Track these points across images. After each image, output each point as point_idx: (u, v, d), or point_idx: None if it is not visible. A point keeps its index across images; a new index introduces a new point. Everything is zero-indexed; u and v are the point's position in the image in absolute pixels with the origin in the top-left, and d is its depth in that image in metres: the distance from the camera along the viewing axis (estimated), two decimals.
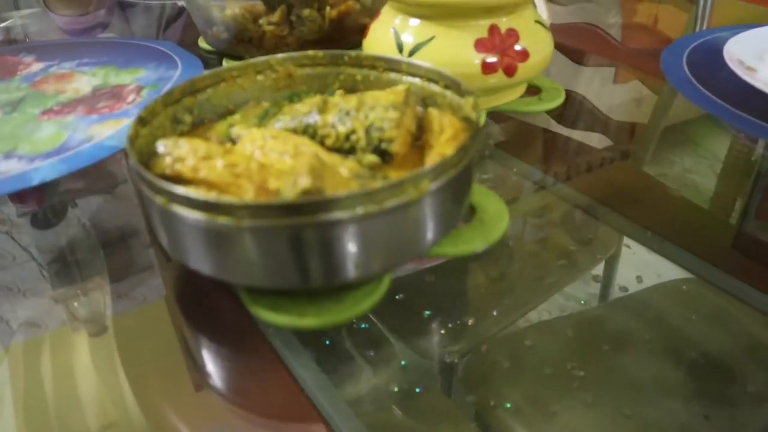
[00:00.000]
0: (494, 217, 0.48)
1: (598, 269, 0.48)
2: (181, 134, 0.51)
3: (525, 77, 0.64)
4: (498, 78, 0.62)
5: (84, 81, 0.75)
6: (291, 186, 0.37)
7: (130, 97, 0.70)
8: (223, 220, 0.36)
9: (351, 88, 0.57)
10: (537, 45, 0.63)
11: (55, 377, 0.37)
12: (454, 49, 0.61)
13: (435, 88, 0.52)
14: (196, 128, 0.52)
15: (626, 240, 0.51)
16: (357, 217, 0.36)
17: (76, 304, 0.45)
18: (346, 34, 0.81)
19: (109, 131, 0.63)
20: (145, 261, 0.51)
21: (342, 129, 0.46)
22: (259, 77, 0.56)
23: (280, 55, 0.56)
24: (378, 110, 0.46)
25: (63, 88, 0.74)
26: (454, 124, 0.45)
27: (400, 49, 0.64)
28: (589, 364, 0.38)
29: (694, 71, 0.75)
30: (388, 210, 0.37)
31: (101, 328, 0.44)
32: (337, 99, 0.49)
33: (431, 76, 0.52)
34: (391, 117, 0.45)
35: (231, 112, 0.55)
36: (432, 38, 0.62)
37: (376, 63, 0.55)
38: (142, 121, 0.46)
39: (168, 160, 0.43)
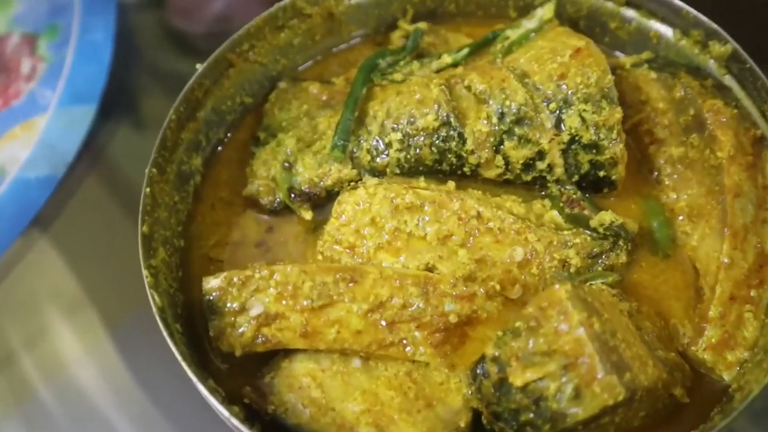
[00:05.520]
0: None
1: None
2: (196, 190, 0.29)
3: None
4: None
5: None
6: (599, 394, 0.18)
7: (25, 65, 0.42)
8: None
9: (431, 13, 0.33)
10: None
11: None
12: None
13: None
14: (218, 152, 0.30)
15: None
16: None
17: None
18: None
19: (23, 150, 0.38)
20: None
21: (519, 153, 0.25)
22: (282, 35, 0.31)
23: None
24: (579, 107, 0.25)
25: None
26: (729, 118, 0.24)
27: None
28: None
29: None
30: None
31: None
32: (472, 75, 0.27)
33: None
34: (611, 121, 0.25)
35: (252, 103, 0.31)
36: None
37: None
38: (147, 243, 0.23)
39: (247, 328, 0.22)
